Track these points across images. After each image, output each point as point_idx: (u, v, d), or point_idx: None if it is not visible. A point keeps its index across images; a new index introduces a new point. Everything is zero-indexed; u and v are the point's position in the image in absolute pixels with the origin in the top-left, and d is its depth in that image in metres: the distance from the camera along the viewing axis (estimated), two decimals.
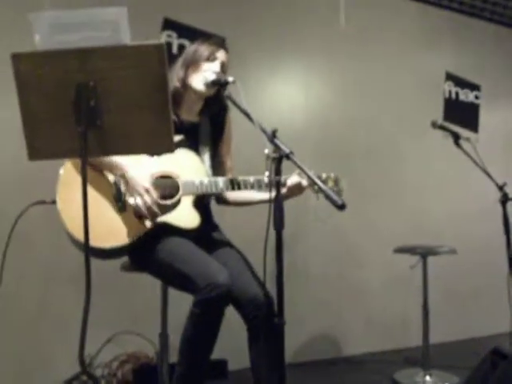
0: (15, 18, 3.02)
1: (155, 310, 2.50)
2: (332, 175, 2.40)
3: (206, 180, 2.23)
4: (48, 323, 3.15)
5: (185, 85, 2.32)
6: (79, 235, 2.00)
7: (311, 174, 1.89)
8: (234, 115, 2.42)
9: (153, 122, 1.58)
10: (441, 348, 4.06)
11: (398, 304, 4.21)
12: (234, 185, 2.25)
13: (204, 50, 2.31)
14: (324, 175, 2.36)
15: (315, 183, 1.88)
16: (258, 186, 2.26)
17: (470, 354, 3.83)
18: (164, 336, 2.44)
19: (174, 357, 2.26)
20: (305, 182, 2.29)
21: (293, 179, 2.27)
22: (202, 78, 2.28)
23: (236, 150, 2.59)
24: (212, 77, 2.25)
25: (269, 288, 2.11)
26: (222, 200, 2.53)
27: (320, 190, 1.86)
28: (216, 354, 2.12)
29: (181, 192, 2.20)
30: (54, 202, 2.12)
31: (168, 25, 3.54)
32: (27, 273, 3.10)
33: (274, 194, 1.89)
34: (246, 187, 2.25)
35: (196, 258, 2.10)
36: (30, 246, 3.07)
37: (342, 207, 1.76)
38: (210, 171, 2.38)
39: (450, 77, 4.70)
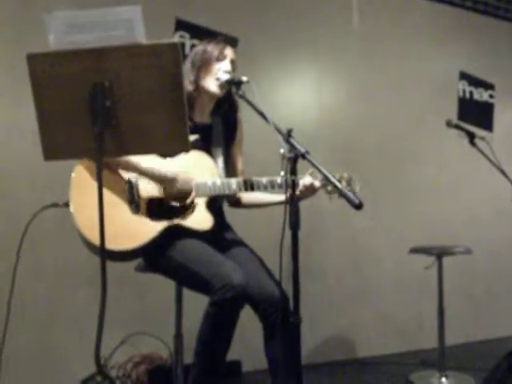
0: (27, 18, 3.05)
1: (169, 311, 2.50)
2: (345, 175, 2.38)
3: (218, 181, 2.22)
4: (62, 324, 3.16)
5: (197, 87, 2.31)
6: (94, 238, 1.97)
7: (327, 173, 1.87)
8: (246, 115, 2.41)
9: (168, 121, 1.58)
10: (456, 349, 4.03)
11: (413, 305, 4.18)
12: (247, 185, 2.23)
13: (212, 49, 2.30)
14: (337, 175, 2.33)
15: (331, 183, 1.86)
16: (271, 186, 2.24)
17: (486, 355, 3.80)
18: (178, 337, 2.44)
19: (188, 358, 2.26)
20: (317, 183, 2.27)
21: (305, 180, 2.25)
22: (215, 79, 2.28)
23: (249, 151, 2.58)
24: (226, 77, 2.25)
25: (283, 287, 2.10)
26: (234, 202, 2.52)
27: (336, 189, 1.84)
28: (229, 354, 2.11)
29: (194, 193, 2.19)
30: (66, 205, 2.12)
31: (181, 26, 3.54)
32: (41, 274, 3.11)
33: (288, 193, 1.88)
34: (258, 188, 2.24)
35: (210, 258, 2.09)
36: (44, 247, 3.08)
37: (359, 206, 1.75)
38: (222, 173, 2.37)
39: (463, 76, 4.66)
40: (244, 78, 2.16)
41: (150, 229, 2.12)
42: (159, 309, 3.18)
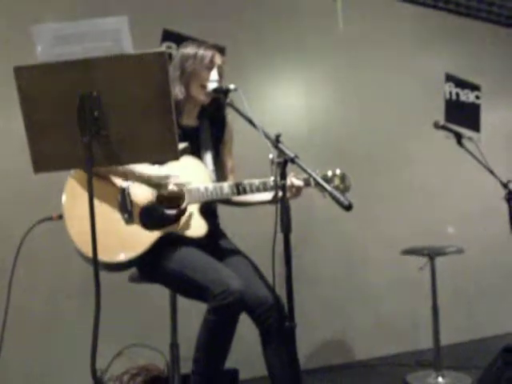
0: (15, 30, 3.04)
1: (165, 321, 2.49)
2: (338, 172, 2.38)
3: (210, 186, 2.23)
4: (58, 337, 3.14)
5: (186, 94, 2.32)
6: (87, 250, 1.98)
7: (316, 175, 1.89)
8: (235, 120, 2.41)
9: (157, 129, 1.58)
10: (452, 349, 4.04)
11: (408, 306, 4.19)
12: (240, 189, 2.24)
13: (201, 57, 2.29)
14: (330, 173, 2.35)
15: (321, 185, 1.87)
16: (264, 188, 2.25)
17: (482, 353, 3.81)
18: (175, 346, 2.43)
19: (185, 367, 2.25)
20: (299, 183, 2.23)
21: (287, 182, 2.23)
22: (203, 87, 2.29)
23: (239, 156, 2.58)
24: (213, 86, 2.25)
25: (277, 292, 2.10)
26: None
27: (326, 191, 1.85)
28: (227, 363, 2.11)
29: (186, 200, 2.20)
30: (60, 217, 2.12)
31: (167, 36, 3.54)
32: (35, 288, 3.09)
33: (279, 197, 1.89)
34: (251, 191, 2.25)
35: (207, 265, 2.09)
36: (38, 261, 3.06)
37: (348, 208, 1.76)
38: (213, 176, 2.36)
39: (450, 78, 4.70)
40: (232, 86, 2.17)
41: (143, 239, 2.12)
42: (154, 319, 3.16)
